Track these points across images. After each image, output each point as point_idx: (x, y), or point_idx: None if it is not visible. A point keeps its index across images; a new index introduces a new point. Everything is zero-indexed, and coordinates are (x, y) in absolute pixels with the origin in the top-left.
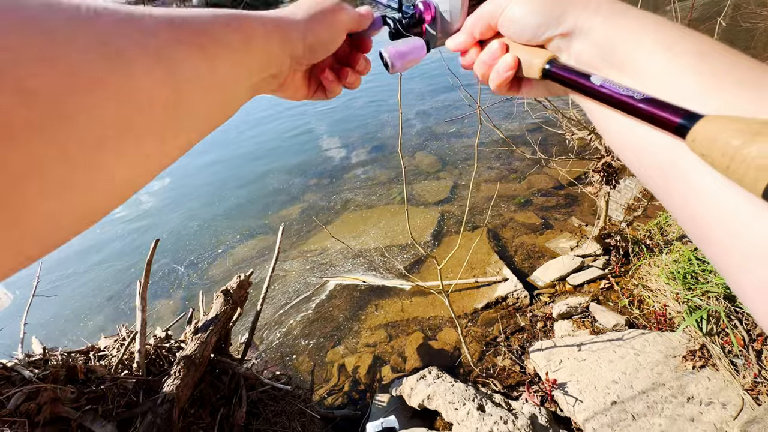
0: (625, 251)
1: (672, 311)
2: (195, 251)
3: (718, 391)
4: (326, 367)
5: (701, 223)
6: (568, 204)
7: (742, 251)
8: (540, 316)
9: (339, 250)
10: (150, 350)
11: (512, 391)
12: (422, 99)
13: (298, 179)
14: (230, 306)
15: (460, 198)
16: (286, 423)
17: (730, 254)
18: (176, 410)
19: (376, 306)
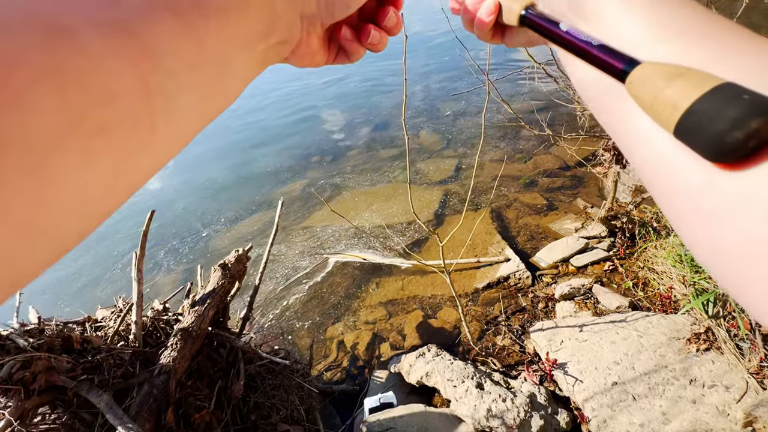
0: (632, 233)
1: (678, 294)
2: (195, 227)
3: (722, 374)
4: (325, 343)
5: (638, 160)
6: (573, 185)
7: (665, 185)
8: (542, 296)
9: (340, 228)
10: (147, 322)
11: (511, 370)
12: (428, 77)
13: (299, 157)
14: (228, 280)
15: (464, 177)
16: (284, 396)
17: (654, 186)
18: (173, 382)
19: (376, 284)
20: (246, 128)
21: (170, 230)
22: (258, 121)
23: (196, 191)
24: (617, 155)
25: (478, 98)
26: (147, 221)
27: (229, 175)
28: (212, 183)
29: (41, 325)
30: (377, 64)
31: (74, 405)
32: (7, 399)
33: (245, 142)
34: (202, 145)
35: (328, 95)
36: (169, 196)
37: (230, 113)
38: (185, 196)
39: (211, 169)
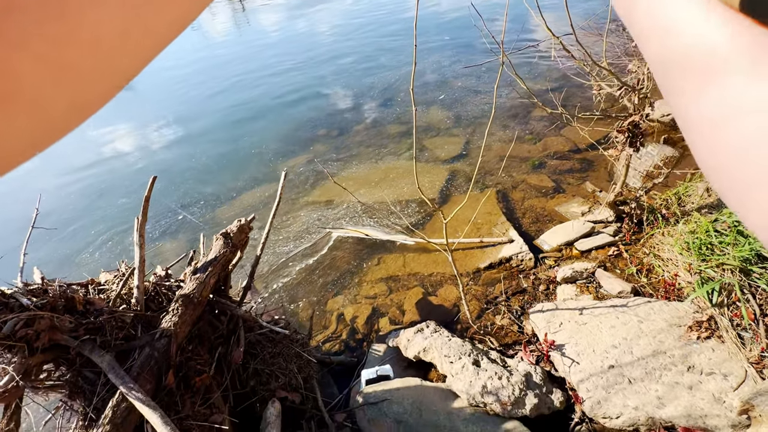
0: (639, 219)
1: (682, 281)
2: (200, 196)
3: (720, 363)
4: (325, 315)
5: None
6: (583, 169)
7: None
8: (543, 279)
9: (344, 202)
10: (149, 287)
11: (508, 350)
12: (440, 51)
13: (305, 131)
14: (230, 249)
15: (472, 156)
16: (283, 364)
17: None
18: (174, 345)
19: (378, 260)
20: (251, 101)
21: (174, 200)
22: (262, 94)
23: (200, 162)
24: (631, 137)
25: (490, 76)
26: (149, 186)
27: (234, 147)
28: (216, 155)
29: (44, 286)
30: (384, 38)
31: (77, 364)
32: (12, 355)
33: (250, 115)
34: (206, 118)
35: (335, 69)
36: (174, 167)
37: (237, 82)
38: (189, 167)
39: (215, 141)
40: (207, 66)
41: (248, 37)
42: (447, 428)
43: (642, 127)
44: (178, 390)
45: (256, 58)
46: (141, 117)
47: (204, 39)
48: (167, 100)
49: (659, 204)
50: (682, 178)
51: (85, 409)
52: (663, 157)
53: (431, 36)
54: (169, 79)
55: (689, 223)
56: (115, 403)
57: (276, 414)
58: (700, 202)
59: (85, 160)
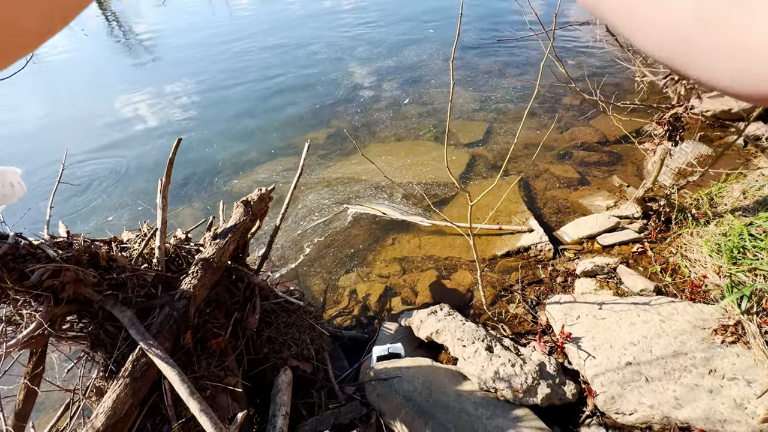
0: (668, 217)
1: (710, 284)
2: (222, 165)
3: (745, 369)
4: (338, 290)
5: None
6: (611, 162)
7: None
8: (561, 271)
9: (362, 179)
10: (170, 249)
11: (520, 338)
12: (473, 27)
13: (327, 105)
14: (249, 217)
15: (494, 142)
16: (296, 335)
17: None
18: (192, 307)
19: (393, 239)
20: (274, 74)
21: (196, 168)
22: (286, 67)
23: (223, 133)
24: (671, 131)
25: (520, 58)
26: (174, 148)
27: (255, 119)
28: (239, 126)
29: (70, 239)
30: (410, 12)
31: (100, 317)
32: (38, 304)
33: (273, 88)
34: (228, 90)
35: (359, 44)
36: (196, 136)
37: (258, 59)
38: (212, 137)
39: (237, 113)
40: (223, 36)
41: (273, 8)
42: (456, 409)
43: (684, 121)
44: (195, 351)
45: (279, 31)
46: (162, 83)
47: (227, 7)
48: (197, 68)
49: (690, 203)
50: (715, 178)
51: (106, 361)
52: (697, 155)
53: (465, 11)
54: (198, 45)
55: (721, 225)
56: (135, 358)
57: (287, 381)
58: (734, 204)
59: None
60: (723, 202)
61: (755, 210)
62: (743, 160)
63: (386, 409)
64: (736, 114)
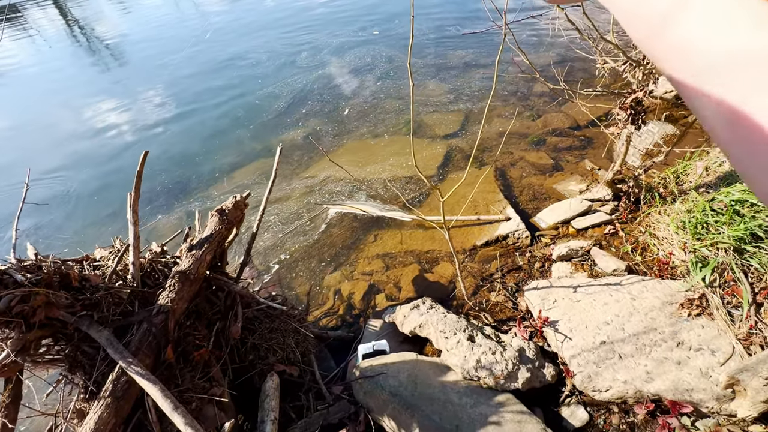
0: (637, 198)
1: (676, 260)
2: (195, 173)
3: (709, 339)
4: (322, 291)
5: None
6: (582, 146)
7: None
8: (539, 256)
9: (341, 178)
10: (145, 263)
11: (502, 325)
12: (442, 21)
13: (300, 104)
14: (225, 225)
15: (470, 132)
16: (281, 339)
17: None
18: (171, 321)
19: (375, 236)
20: (245, 71)
21: (169, 176)
22: (257, 64)
23: (196, 138)
24: (633, 115)
25: (490, 49)
26: (141, 161)
27: (228, 122)
28: (211, 130)
29: (38, 262)
30: (382, 8)
31: (76, 339)
32: (9, 330)
33: (245, 87)
34: (200, 92)
35: (332, 40)
36: (168, 142)
37: (229, 57)
38: (184, 142)
39: (210, 116)
40: (193, 40)
41: (242, 5)
42: (441, 400)
43: (645, 104)
44: (178, 364)
45: (253, 31)
46: (128, 93)
47: (194, 7)
48: (157, 74)
49: (657, 183)
50: (681, 157)
51: (86, 383)
52: (663, 135)
53: (432, 8)
54: (158, 48)
55: (686, 202)
56: (115, 377)
57: (274, 386)
58: (698, 181)
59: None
60: (688, 180)
61: (717, 186)
62: (705, 138)
63: (374, 406)
64: None
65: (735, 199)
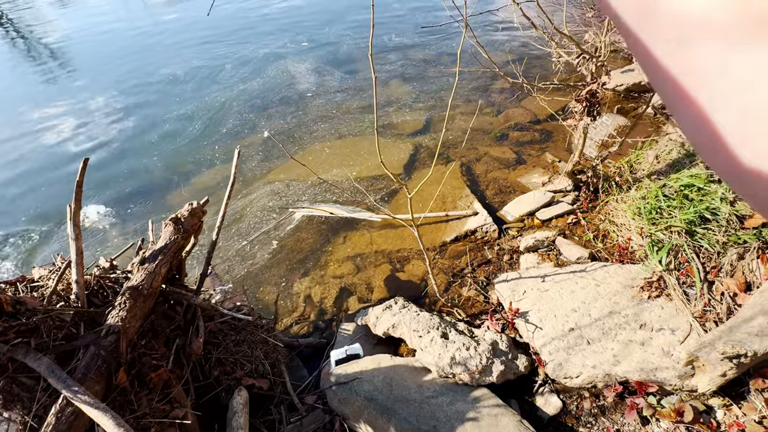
0: (595, 187)
1: (635, 245)
2: (150, 180)
3: (669, 319)
4: (292, 297)
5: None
6: (543, 139)
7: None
8: (507, 249)
9: (306, 180)
10: (91, 281)
11: (475, 320)
12: (403, 21)
13: (261, 105)
14: (181, 235)
15: (436, 130)
16: (248, 352)
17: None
18: (123, 342)
19: (344, 238)
20: (203, 71)
21: (122, 184)
22: (218, 62)
23: (150, 142)
24: (589, 107)
25: (451, 48)
26: (80, 170)
27: (185, 124)
28: (167, 133)
29: None
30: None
31: (10, 370)
32: None
33: (202, 88)
34: (155, 94)
35: (294, 38)
36: (121, 148)
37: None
38: (138, 147)
39: (166, 118)
40: (143, 41)
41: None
42: (417, 401)
43: (599, 96)
44: (133, 388)
45: (196, 27)
46: (77, 94)
47: (143, 8)
48: (107, 74)
49: (613, 172)
50: (633, 146)
51: (24, 418)
52: (617, 127)
53: (392, 4)
54: (108, 46)
55: (640, 189)
56: (59, 409)
57: (243, 402)
58: (650, 169)
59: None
60: (641, 168)
61: (667, 172)
62: (655, 128)
63: (349, 413)
64: (645, 85)
65: (683, 184)
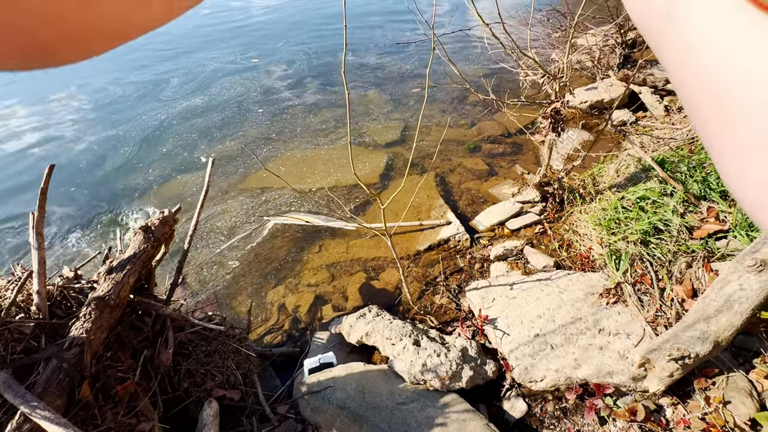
0: (561, 199)
1: (595, 254)
2: (120, 188)
3: (625, 324)
4: (266, 306)
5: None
6: (513, 152)
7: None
8: (478, 257)
9: (281, 189)
10: (54, 291)
11: (447, 327)
12: (379, 35)
13: (235, 113)
14: (151, 244)
15: (411, 140)
16: (220, 362)
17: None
18: (87, 354)
19: (320, 247)
20: (176, 74)
21: (89, 191)
22: (191, 67)
23: (121, 148)
24: (554, 123)
25: (427, 59)
26: (45, 177)
27: (158, 131)
28: (139, 139)
29: None
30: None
31: None
32: None
33: (177, 91)
34: (127, 97)
35: (270, 46)
36: (91, 154)
37: (152, 56)
38: (109, 154)
39: (138, 124)
40: None
41: None
42: (389, 408)
43: (563, 113)
44: (97, 402)
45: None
46: (41, 95)
47: None
48: (78, 76)
49: (578, 184)
50: (596, 160)
51: None
52: (581, 141)
53: (368, 18)
54: None
55: (601, 201)
56: (15, 426)
57: (213, 414)
58: (610, 182)
59: None
60: (603, 181)
61: (626, 185)
62: (615, 143)
63: (321, 422)
64: (607, 103)
65: (639, 196)
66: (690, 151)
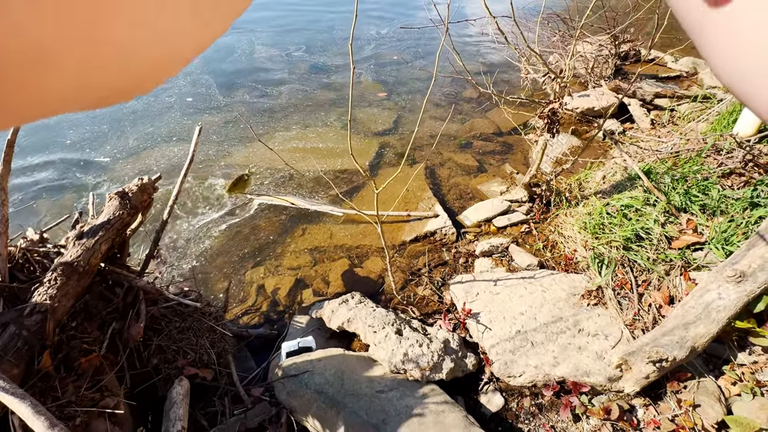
0: (548, 200)
1: (579, 256)
2: (100, 151)
3: (604, 326)
4: (244, 287)
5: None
6: (503, 151)
7: None
8: (463, 252)
9: (267, 167)
10: (16, 253)
11: (429, 318)
12: (381, 20)
13: (225, 86)
14: (128, 211)
15: (403, 131)
16: (194, 340)
17: None
18: (50, 322)
19: (303, 230)
20: None
21: (61, 151)
22: None
23: (102, 115)
24: (550, 124)
25: (426, 51)
26: (13, 130)
27: (142, 100)
28: (123, 107)
29: None
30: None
31: None
32: None
33: None
34: None
35: (265, 22)
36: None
37: None
38: (90, 120)
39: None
40: None
41: None
42: (368, 396)
43: (559, 115)
44: (58, 373)
45: None
46: None
47: None
48: None
49: (565, 188)
50: (584, 166)
51: None
52: (570, 146)
53: (371, 3)
54: None
55: (587, 206)
56: None
57: (183, 393)
58: (596, 188)
59: None
60: (589, 186)
61: (611, 192)
62: (603, 151)
63: (297, 406)
64: (597, 111)
65: (624, 204)
66: (674, 164)
